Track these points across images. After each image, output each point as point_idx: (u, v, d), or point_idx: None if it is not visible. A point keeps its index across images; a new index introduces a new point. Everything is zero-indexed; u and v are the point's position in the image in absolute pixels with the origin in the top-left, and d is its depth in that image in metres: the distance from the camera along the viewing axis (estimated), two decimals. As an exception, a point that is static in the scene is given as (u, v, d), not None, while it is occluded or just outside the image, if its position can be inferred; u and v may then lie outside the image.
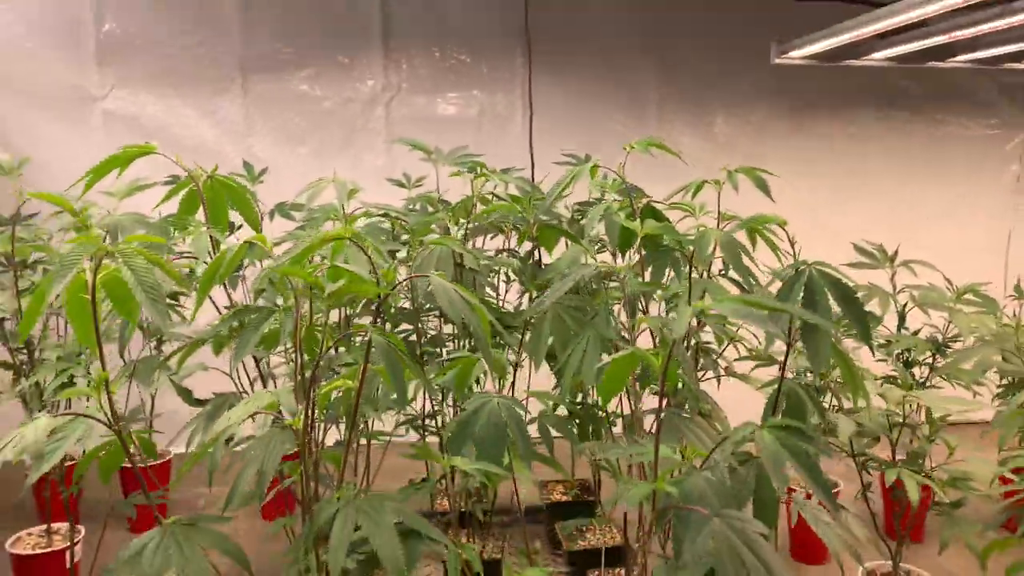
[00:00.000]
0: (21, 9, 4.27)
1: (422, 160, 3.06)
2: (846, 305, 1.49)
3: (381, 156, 4.57)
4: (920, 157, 5.00)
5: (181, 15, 4.38)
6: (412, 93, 4.64)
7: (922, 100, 4.94)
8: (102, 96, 4.41)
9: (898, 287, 2.94)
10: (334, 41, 4.55)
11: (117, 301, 1.23)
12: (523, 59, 4.65)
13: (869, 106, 4.90)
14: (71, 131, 4.36)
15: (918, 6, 2.80)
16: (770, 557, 1.11)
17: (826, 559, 3.52)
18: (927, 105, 4.95)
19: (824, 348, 1.42)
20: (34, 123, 4.31)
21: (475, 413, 1.50)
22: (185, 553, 1.15)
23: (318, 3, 4.47)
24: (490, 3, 4.58)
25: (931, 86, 4.91)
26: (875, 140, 4.94)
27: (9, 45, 4.29)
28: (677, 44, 4.72)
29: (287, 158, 4.47)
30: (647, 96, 4.74)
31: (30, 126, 4.31)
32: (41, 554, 2.83)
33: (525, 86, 4.65)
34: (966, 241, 4.93)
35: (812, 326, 1.42)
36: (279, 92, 4.51)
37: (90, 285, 1.13)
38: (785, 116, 4.85)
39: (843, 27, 3.27)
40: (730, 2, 4.39)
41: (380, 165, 4.51)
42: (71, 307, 1.20)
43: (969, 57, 3.82)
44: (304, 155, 4.51)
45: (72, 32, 4.34)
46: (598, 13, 4.63)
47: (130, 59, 4.40)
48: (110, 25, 4.39)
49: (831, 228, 4.34)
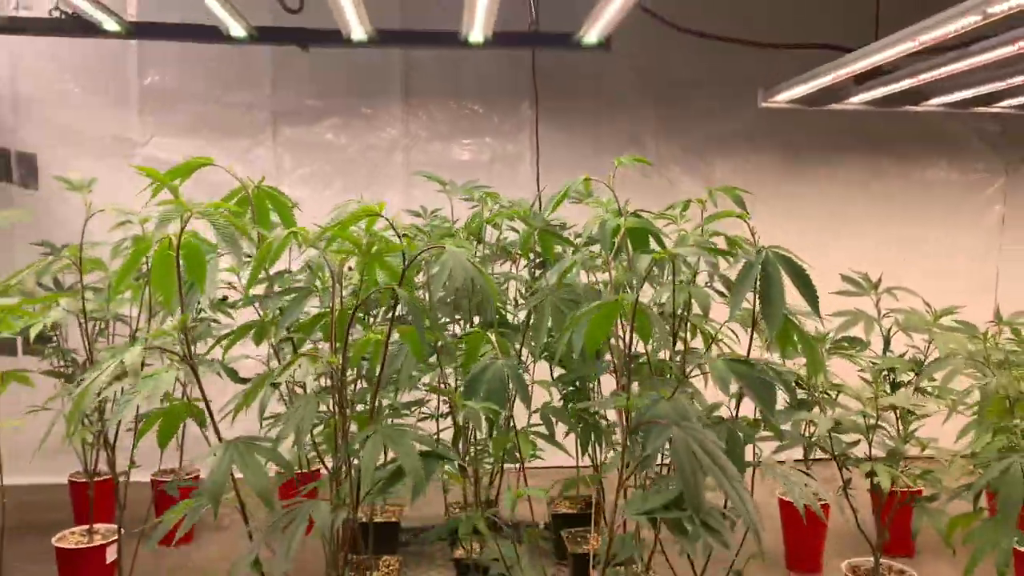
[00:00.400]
0: (70, 61, 4.71)
1: (438, 192, 3.41)
2: (797, 279, 1.76)
3: (400, 195, 4.92)
4: (902, 200, 5.30)
5: (217, 69, 4.80)
6: (429, 140, 5.02)
7: (905, 145, 5.27)
8: (143, 143, 4.80)
9: (883, 313, 3.17)
10: (358, 94, 4.96)
11: (191, 263, 1.52)
12: (530, 110, 5.04)
13: (854, 151, 5.23)
14: (115, 173, 4.72)
15: (881, 50, 3.13)
16: (722, 457, 1.35)
17: (820, 568, 3.68)
18: (909, 150, 5.28)
19: (777, 311, 1.68)
20: (80, 165, 4.68)
21: (483, 371, 1.77)
22: (245, 459, 1.40)
23: (345, 61, 4.88)
24: (500, 62, 4.98)
25: (912, 132, 5.24)
26: (859, 184, 5.26)
27: (58, 93, 4.71)
28: (673, 93, 5.08)
29: (315, 199, 4.82)
30: (646, 140, 5.10)
31: (76, 168, 4.69)
32: (83, 548, 3.06)
33: (532, 133, 5.03)
34: (950, 281, 5.16)
35: (768, 293, 1.69)
36: (307, 139, 4.90)
37: (176, 241, 1.43)
38: (777, 161, 5.17)
39: (821, 70, 3.61)
40: (722, 52, 4.75)
41: (399, 202, 4.86)
42: (157, 264, 1.49)
43: (940, 101, 4.14)
44: (329, 196, 4.86)
45: (117, 83, 4.77)
46: (598, 66, 5.02)
47: (169, 109, 4.80)
48: (151, 78, 4.82)
49: (818, 267, 4.60)
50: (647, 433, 1.39)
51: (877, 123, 5.16)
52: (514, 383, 1.74)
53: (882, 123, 5.16)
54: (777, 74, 4.29)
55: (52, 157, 4.71)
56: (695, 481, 1.30)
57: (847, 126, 5.17)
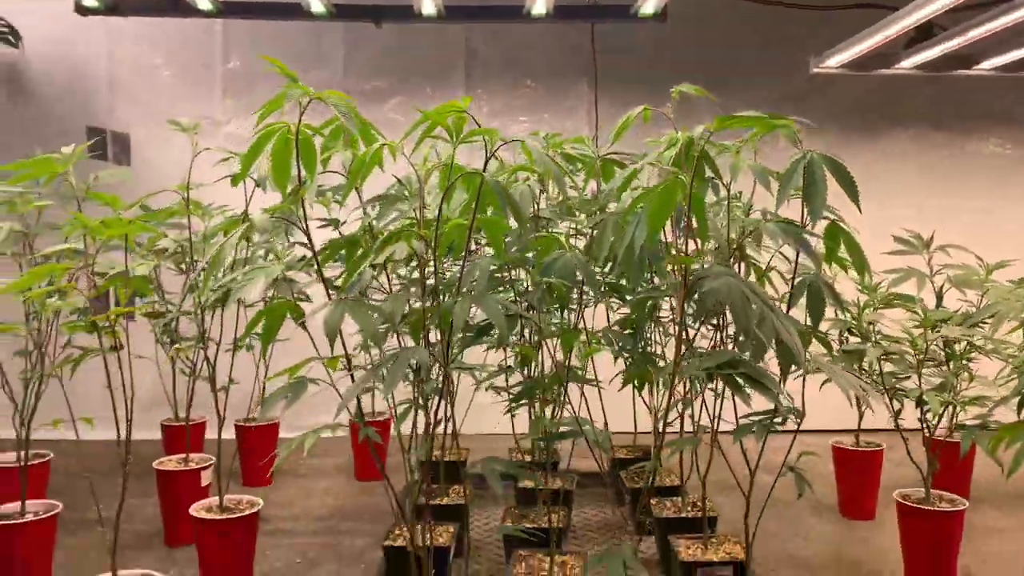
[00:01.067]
0: (163, 44, 5.11)
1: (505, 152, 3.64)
2: (837, 174, 1.93)
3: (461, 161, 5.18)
4: (948, 171, 5.35)
5: (294, 52, 5.13)
6: (489, 117, 5.26)
7: (952, 116, 5.32)
8: (225, 121, 5.16)
9: (935, 270, 3.23)
10: (422, 75, 5.25)
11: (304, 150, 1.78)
12: (588, 88, 5.26)
13: (902, 120, 5.31)
14: (198, 147, 5.11)
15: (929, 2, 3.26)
16: (770, 301, 1.53)
17: (874, 515, 3.77)
18: (957, 121, 5.33)
19: (820, 199, 1.85)
20: (167, 140, 5.05)
21: (555, 260, 1.99)
22: (356, 311, 1.63)
23: (410, 44, 5.18)
24: (559, 41, 5.22)
25: (960, 103, 5.29)
26: (906, 154, 5.34)
27: (150, 76, 5.10)
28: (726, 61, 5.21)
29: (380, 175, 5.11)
30: (700, 111, 5.26)
31: (164, 144, 5.06)
32: (182, 470, 3.35)
33: (589, 109, 5.24)
34: (996, 253, 5.18)
35: (811, 183, 1.86)
36: (374, 118, 5.06)
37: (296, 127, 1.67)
38: (826, 129, 5.27)
39: (870, 31, 3.74)
40: (774, 18, 4.88)
41: (461, 175, 5.12)
42: (276, 155, 1.74)
43: (991, 63, 4.22)
44: (395, 172, 5.14)
45: (202, 67, 5.14)
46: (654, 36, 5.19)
47: (249, 90, 5.15)
48: (233, 63, 5.18)
49: (864, 234, 4.71)
50: (702, 282, 1.57)
51: (925, 92, 5.24)
52: (581, 271, 1.94)
53: (931, 92, 5.23)
54: (829, 42, 4.42)
55: (145, 136, 5.10)
56: (745, 311, 1.48)
57: (896, 96, 5.25)
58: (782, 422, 2.19)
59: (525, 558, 2.65)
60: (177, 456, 3.51)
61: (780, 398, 1.70)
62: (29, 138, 4.60)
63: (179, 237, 2.90)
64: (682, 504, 3.18)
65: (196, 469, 3.37)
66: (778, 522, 3.66)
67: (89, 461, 4.33)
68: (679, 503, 3.20)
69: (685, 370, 1.71)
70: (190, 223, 2.83)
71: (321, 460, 4.71)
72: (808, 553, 3.34)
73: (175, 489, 3.32)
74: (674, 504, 3.21)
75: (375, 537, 3.41)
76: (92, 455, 4.29)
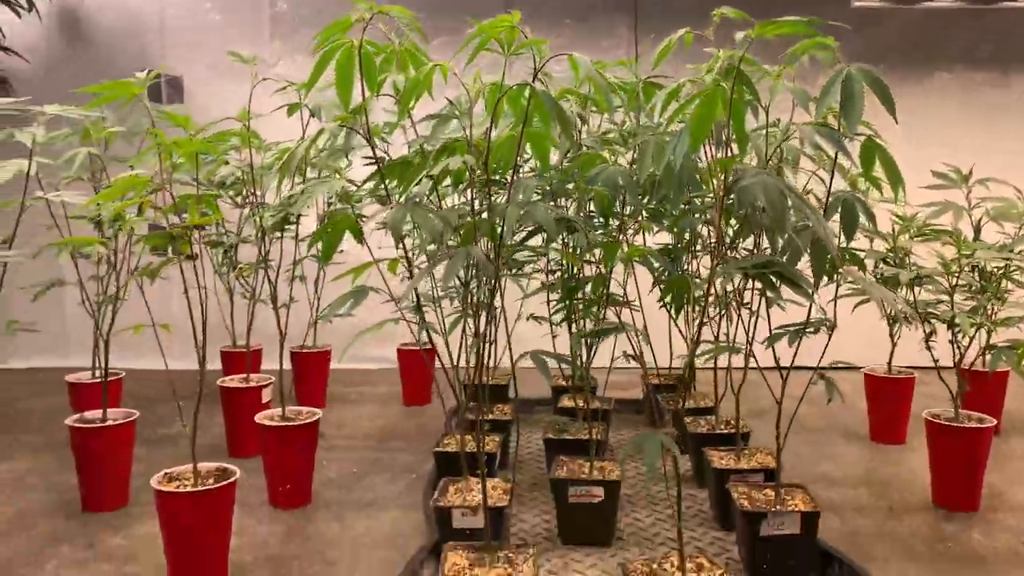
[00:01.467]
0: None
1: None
2: (875, 86, 2.01)
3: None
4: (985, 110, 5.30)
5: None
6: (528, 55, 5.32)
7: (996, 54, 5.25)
8: (273, 64, 5.30)
9: (973, 204, 3.25)
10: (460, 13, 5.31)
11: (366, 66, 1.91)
12: (627, 27, 5.29)
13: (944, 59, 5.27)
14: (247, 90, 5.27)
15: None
16: (806, 199, 1.63)
17: (904, 439, 3.88)
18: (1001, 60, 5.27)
19: (857, 113, 1.93)
20: (217, 83, 5.22)
21: (599, 173, 2.11)
22: (417, 212, 1.78)
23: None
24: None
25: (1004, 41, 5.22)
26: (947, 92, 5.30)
27: (201, 21, 5.25)
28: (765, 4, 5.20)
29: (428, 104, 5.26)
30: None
31: (214, 86, 5.23)
32: (244, 388, 3.58)
33: (629, 50, 5.27)
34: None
35: (849, 96, 1.95)
36: None
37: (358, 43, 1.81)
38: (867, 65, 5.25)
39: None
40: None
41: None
42: (340, 68, 1.88)
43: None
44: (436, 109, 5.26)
45: (250, 11, 5.27)
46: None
47: (295, 33, 5.28)
48: (281, 5, 5.30)
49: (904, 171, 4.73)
50: (741, 181, 1.68)
51: (967, 28, 5.17)
52: (624, 180, 2.07)
53: (973, 28, 5.17)
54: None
55: (195, 79, 5.27)
56: (782, 208, 1.59)
57: (937, 32, 5.20)
58: (815, 332, 2.30)
59: (566, 463, 2.83)
60: (239, 376, 3.74)
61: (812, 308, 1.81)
62: (87, 83, 4.79)
63: (241, 163, 3.07)
64: (716, 422, 3.32)
65: (258, 386, 3.59)
66: (810, 447, 3.79)
67: (155, 387, 4.61)
68: (712, 421, 3.34)
69: (722, 270, 1.83)
70: (251, 153, 2.99)
71: (372, 388, 4.95)
72: (839, 474, 3.47)
73: (238, 405, 3.55)
74: (708, 422, 3.35)
75: (423, 453, 3.62)
76: (158, 381, 4.56)
